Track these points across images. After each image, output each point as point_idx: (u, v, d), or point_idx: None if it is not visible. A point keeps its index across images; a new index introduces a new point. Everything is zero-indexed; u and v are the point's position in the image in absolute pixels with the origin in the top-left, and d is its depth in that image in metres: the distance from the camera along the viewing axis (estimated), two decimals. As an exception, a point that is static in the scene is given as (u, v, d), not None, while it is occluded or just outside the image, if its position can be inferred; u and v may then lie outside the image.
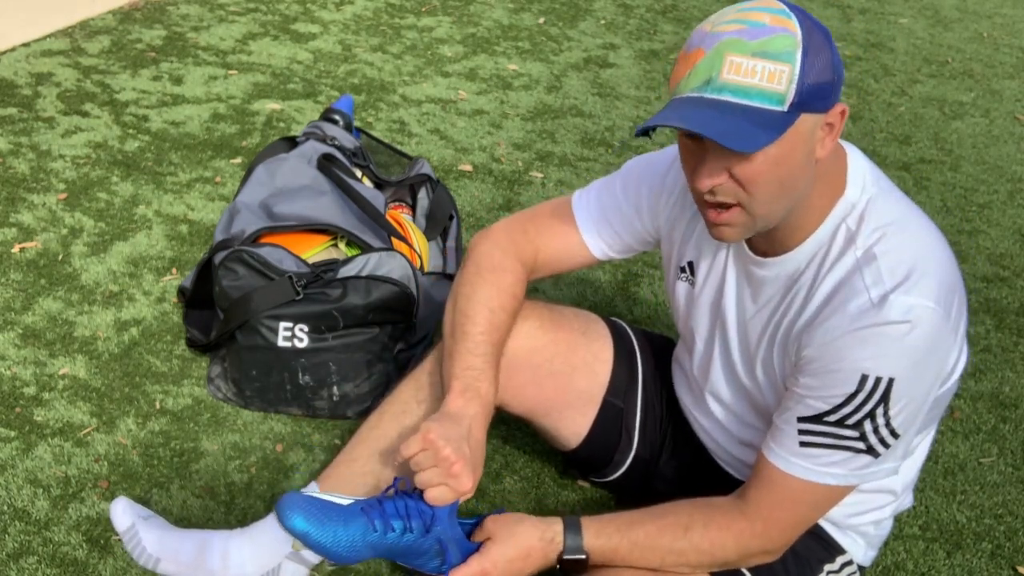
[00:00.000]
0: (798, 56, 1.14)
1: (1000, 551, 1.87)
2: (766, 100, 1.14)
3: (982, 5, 5.31)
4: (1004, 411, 2.25)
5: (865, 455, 1.28)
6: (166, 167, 2.81)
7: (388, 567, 1.70)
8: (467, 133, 3.23)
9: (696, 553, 1.36)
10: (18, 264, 2.33)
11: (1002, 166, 3.48)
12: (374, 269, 1.95)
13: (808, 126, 1.18)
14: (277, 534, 1.53)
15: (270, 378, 1.95)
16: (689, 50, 1.19)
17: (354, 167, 2.42)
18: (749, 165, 1.17)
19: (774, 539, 1.36)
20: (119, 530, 1.55)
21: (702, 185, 1.20)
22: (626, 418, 1.68)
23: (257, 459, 1.89)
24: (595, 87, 3.71)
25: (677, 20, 4.53)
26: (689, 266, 1.50)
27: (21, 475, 1.79)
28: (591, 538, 1.38)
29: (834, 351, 1.24)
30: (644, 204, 1.52)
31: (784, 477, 1.31)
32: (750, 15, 1.16)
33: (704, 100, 1.15)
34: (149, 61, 3.44)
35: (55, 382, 2.01)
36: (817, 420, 1.27)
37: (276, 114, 3.18)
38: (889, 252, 1.24)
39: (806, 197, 1.26)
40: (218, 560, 1.54)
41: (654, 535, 1.37)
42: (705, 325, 1.51)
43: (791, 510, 1.34)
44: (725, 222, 1.24)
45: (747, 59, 1.13)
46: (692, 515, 1.37)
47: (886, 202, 1.29)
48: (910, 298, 1.20)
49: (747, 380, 1.46)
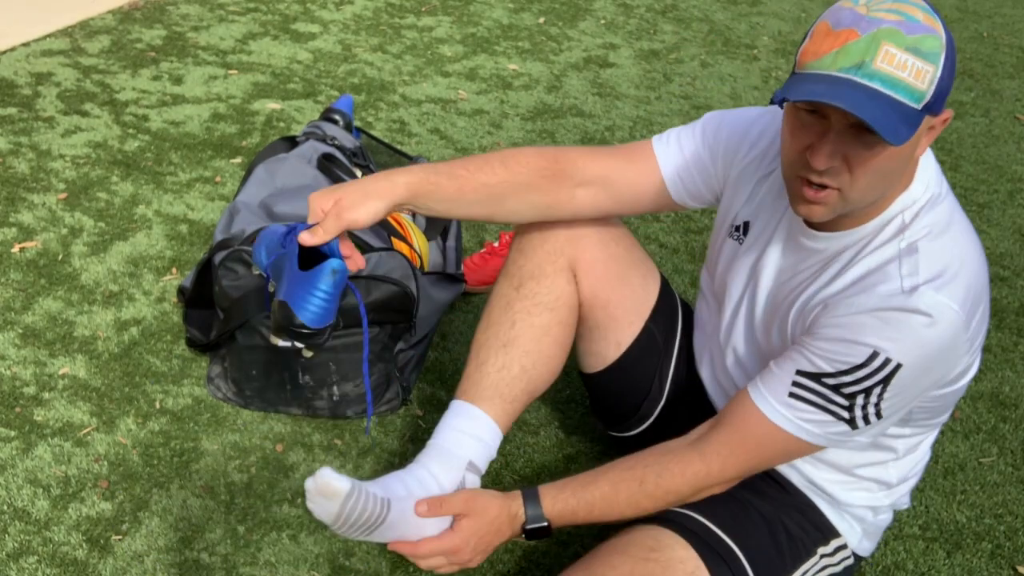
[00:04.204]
0: (942, 59, 1.16)
1: (1000, 551, 1.87)
2: (908, 96, 1.15)
3: (982, 5, 5.31)
4: (1004, 411, 2.25)
5: (844, 424, 1.32)
6: (166, 167, 2.81)
7: (388, 568, 1.70)
8: (467, 133, 3.23)
9: (651, 500, 1.42)
10: (18, 264, 2.33)
11: (1002, 166, 3.48)
12: (374, 269, 1.95)
13: (925, 126, 1.21)
14: (453, 453, 1.57)
15: (270, 378, 1.95)
16: (838, 27, 1.17)
17: (354, 167, 2.42)
18: (869, 154, 1.19)
19: (728, 477, 1.41)
20: (344, 490, 1.44)
21: (819, 163, 1.20)
22: (662, 363, 1.71)
23: (257, 459, 1.89)
24: (595, 87, 3.71)
25: (677, 20, 4.53)
26: (744, 226, 1.51)
27: (21, 475, 1.79)
28: (549, 505, 1.43)
29: (854, 324, 1.27)
30: (720, 150, 1.52)
31: (761, 420, 1.35)
32: (906, 8, 1.17)
33: (853, 83, 1.15)
34: (149, 61, 3.44)
35: (55, 382, 2.01)
36: (815, 378, 1.30)
37: (276, 114, 3.18)
38: (931, 251, 1.27)
39: (891, 188, 1.29)
40: (431, 481, 1.55)
41: (609, 494, 1.43)
42: (740, 285, 1.53)
43: (754, 452, 1.38)
44: (819, 201, 1.25)
45: (901, 52, 1.14)
46: (646, 466, 1.42)
47: (943, 205, 1.32)
48: (939, 295, 1.23)
49: (762, 340, 1.49)
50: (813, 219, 1.29)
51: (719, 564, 1.39)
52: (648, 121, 3.49)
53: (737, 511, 1.47)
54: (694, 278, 2.58)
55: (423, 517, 1.43)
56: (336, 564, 1.70)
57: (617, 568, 1.37)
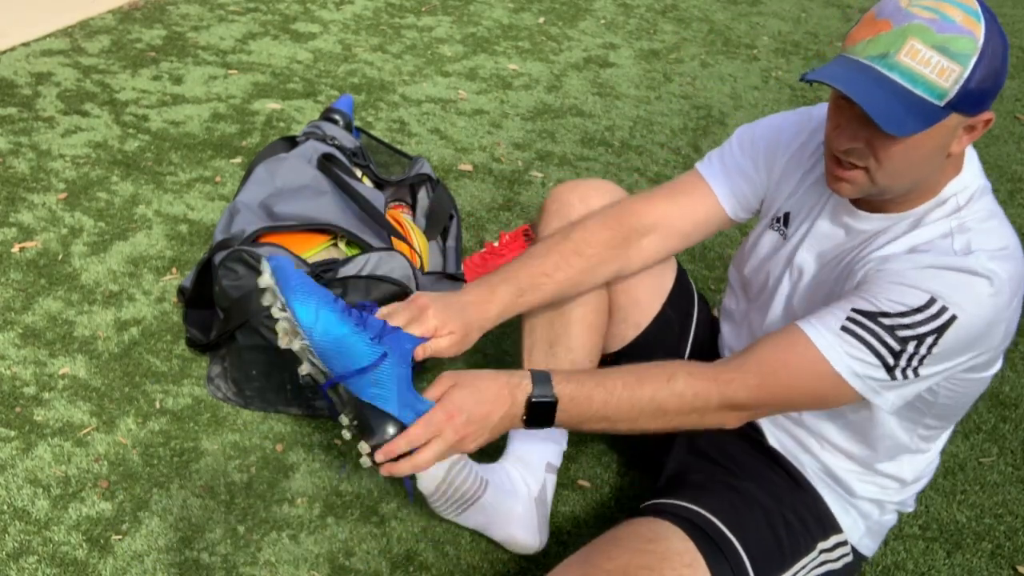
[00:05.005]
0: (972, 61, 1.19)
1: (1000, 551, 1.87)
2: (929, 91, 1.20)
3: (982, 5, 5.30)
4: (1004, 411, 2.25)
5: (885, 372, 1.30)
6: (166, 167, 2.81)
7: (388, 568, 1.70)
8: (467, 133, 3.23)
9: (676, 399, 1.31)
10: (18, 264, 2.33)
11: (1002, 166, 3.48)
12: (374, 269, 1.95)
13: (953, 124, 1.24)
14: (530, 460, 1.61)
15: (270, 378, 1.95)
16: (879, 16, 1.23)
17: (354, 167, 2.42)
18: (888, 141, 1.24)
19: (762, 397, 1.34)
20: (447, 463, 1.44)
21: (839, 144, 1.28)
22: (678, 346, 1.75)
23: (257, 459, 1.89)
24: (595, 87, 3.71)
25: (677, 20, 4.53)
26: (785, 217, 1.55)
27: (21, 475, 1.79)
28: (561, 384, 1.28)
29: (912, 274, 1.29)
30: (761, 157, 1.57)
31: (807, 344, 1.32)
32: (945, 7, 1.21)
33: (874, 71, 1.21)
34: (149, 61, 3.44)
35: (55, 382, 2.01)
36: (871, 317, 1.30)
37: (276, 114, 3.18)
38: (984, 230, 1.31)
39: (929, 178, 1.32)
40: (519, 481, 1.62)
41: (633, 385, 1.31)
42: (779, 271, 1.55)
43: (788, 379, 1.34)
44: (847, 179, 1.32)
45: (927, 49, 1.19)
46: (677, 365, 1.35)
47: (991, 199, 1.38)
48: (993, 263, 1.27)
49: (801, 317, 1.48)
50: (841, 195, 1.36)
51: (716, 556, 1.39)
52: (648, 121, 3.49)
53: (737, 503, 1.47)
54: (695, 277, 2.58)
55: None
56: (336, 564, 1.70)
57: (615, 559, 1.36)
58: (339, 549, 1.73)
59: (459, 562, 1.73)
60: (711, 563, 1.38)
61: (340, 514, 1.80)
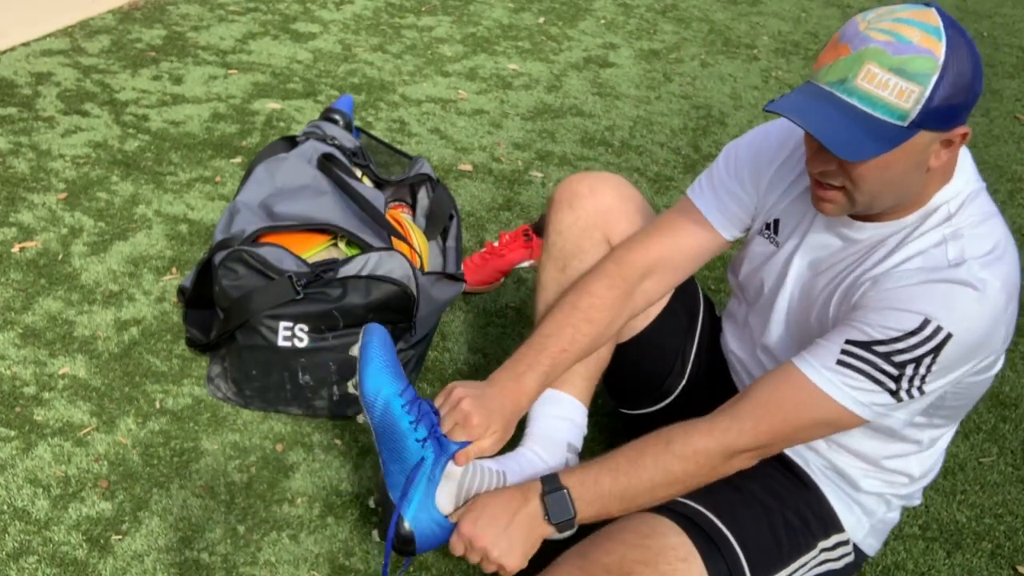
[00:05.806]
0: (932, 80, 1.19)
1: (1000, 551, 1.87)
2: (889, 114, 1.21)
3: (982, 5, 5.31)
4: (1004, 411, 2.25)
5: (889, 396, 1.31)
6: (166, 167, 2.81)
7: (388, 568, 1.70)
8: (467, 133, 3.23)
9: (680, 461, 1.38)
10: (18, 264, 2.33)
11: (1002, 166, 3.48)
12: (374, 269, 1.95)
13: (924, 141, 1.24)
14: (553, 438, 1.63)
15: (270, 378, 1.95)
16: (840, 41, 1.25)
17: (354, 167, 2.42)
18: (856, 164, 1.25)
19: (760, 441, 1.38)
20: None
21: (813, 167, 1.31)
22: (685, 342, 1.75)
23: (257, 459, 1.89)
24: (595, 87, 3.71)
25: (677, 20, 4.53)
26: (775, 223, 1.56)
27: (21, 475, 1.79)
28: (567, 474, 1.41)
29: (903, 294, 1.30)
30: (746, 174, 1.58)
31: (804, 382, 1.34)
32: (902, 28, 1.21)
33: (833, 97, 1.23)
34: (149, 61, 3.44)
35: (55, 382, 2.01)
36: (865, 347, 1.31)
37: (276, 114, 3.18)
38: (976, 235, 1.31)
39: (911, 192, 1.32)
40: (538, 461, 1.63)
41: (635, 458, 1.39)
42: (772, 278, 1.56)
43: (791, 415, 1.36)
44: (828, 199, 1.34)
45: (883, 72, 1.20)
46: (671, 430, 1.41)
47: (984, 200, 1.37)
48: (984, 271, 1.27)
49: (799, 330, 1.51)
50: (826, 214, 1.37)
51: (712, 551, 1.39)
52: (648, 121, 3.49)
53: (736, 500, 1.48)
54: (696, 277, 2.58)
55: None
56: (336, 564, 1.70)
57: (610, 553, 1.37)
58: (339, 549, 1.73)
59: (459, 562, 1.73)
60: (706, 558, 1.38)
61: (340, 514, 1.80)
